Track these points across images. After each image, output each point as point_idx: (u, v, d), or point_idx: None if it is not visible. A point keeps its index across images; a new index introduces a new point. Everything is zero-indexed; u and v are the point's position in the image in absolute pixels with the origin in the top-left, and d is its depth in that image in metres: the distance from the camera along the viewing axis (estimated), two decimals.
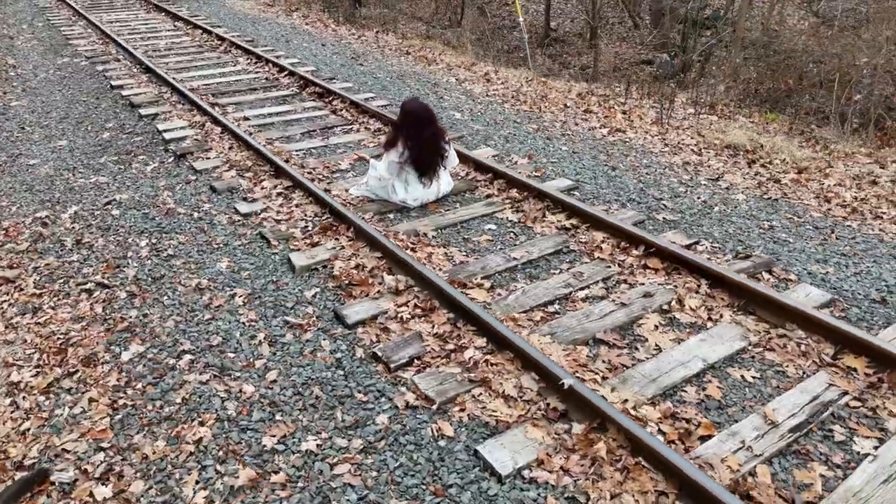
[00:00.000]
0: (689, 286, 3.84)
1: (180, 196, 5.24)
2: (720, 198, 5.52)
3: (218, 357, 3.50)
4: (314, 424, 3.02)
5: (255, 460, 2.87)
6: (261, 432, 3.01)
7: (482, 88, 9.06)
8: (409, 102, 4.82)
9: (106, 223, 4.94)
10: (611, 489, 2.55)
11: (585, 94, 9.28)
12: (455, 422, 2.94)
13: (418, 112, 4.73)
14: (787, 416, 2.90)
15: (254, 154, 5.73)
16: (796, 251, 4.53)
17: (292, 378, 3.31)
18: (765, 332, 3.48)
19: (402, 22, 16.59)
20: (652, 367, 3.20)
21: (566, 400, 2.91)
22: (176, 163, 5.87)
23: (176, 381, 3.37)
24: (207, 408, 3.19)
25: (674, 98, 8.80)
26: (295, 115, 7.05)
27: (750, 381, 3.18)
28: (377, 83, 8.61)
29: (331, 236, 4.42)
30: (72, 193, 5.46)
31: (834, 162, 6.93)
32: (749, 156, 6.91)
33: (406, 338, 3.42)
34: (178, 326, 3.77)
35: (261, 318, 3.77)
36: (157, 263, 4.38)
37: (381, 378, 3.24)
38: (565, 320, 3.57)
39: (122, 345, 3.67)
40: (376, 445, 2.87)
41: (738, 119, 9.00)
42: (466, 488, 2.63)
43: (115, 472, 2.83)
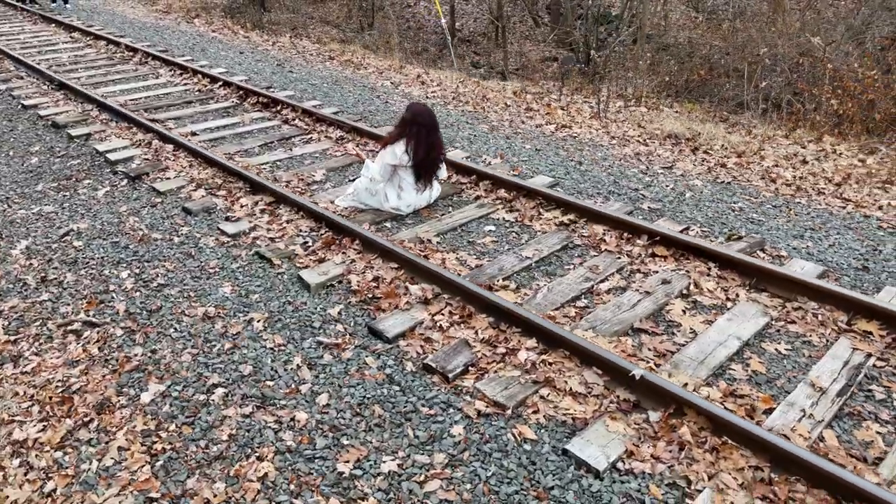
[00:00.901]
0: (699, 270, 4.04)
1: (150, 221, 4.88)
2: (683, 185, 5.83)
3: (255, 387, 3.31)
4: (387, 444, 2.93)
5: (335, 489, 2.75)
6: (331, 459, 2.88)
7: (420, 91, 9.04)
8: (417, 106, 4.73)
9: (70, 256, 4.52)
10: (706, 470, 2.65)
11: (520, 93, 9.49)
12: (533, 424, 2.94)
13: (427, 116, 4.65)
14: (829, 382, 3.13)
15: (220, 171, 5.43)
16: (772, 229, 4.87)
17: (346, 399, 3.18)
18: (781, 306, 3.73)
19: (312, 26, 16.23)
20: (695, 350, 3.35)
21: (635, 390, 2.99)
22: (131, 185, 5.45)
23: (214, 417, 3.15)
24: (261, 441, 3.00)
25: (600, 92, 9.16)
26: (244, 127, 6.73)
27: (785, 354, 3.40)
28: (316, 90, 8.38)
29: (336, 250, 4.28)
30: (15, 227, 4.95)
31: (762, 145, 7.49)
32: (690, 143, 7.34)
33: (453, 346, 3.38)
34: (197, 360, 3.52)
35: (289, 341, 3.60)
36: (149, 295, 4.07)
37: (441, 389, 3.18)
38: (600, 313, 3.65)
39: (138, 385, 3.38)
40: (461, 457, 2.82)
41: (664, 110, 9.52)
42: (567, 488, 2.64)
43: None
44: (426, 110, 4.69)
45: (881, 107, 8.94)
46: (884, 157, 7.45)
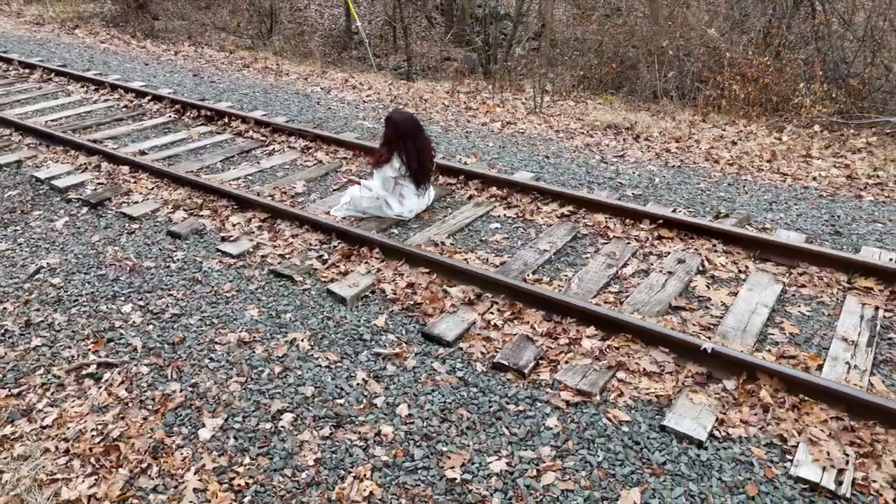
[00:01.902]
0: (706, 248, 4.34)
1: (135, 249, 4.52)
2: (644, 171, 6.19)
3: (324, 407, 3.19)
4: (486, 445, 2.93)
5: (450, 496, 2.72)
6: (435, 468, 2.84)
7: (355, 96, 8.92)
8: (396, 115, 4.68)
9: (50, 296, 4.11)
10: (795, 427, 2.88)
11: (453, 93, 9.60)
12: (623, 407, 3.06)
13: (409, 123, 4.62)
14: (856, 335, 3.48)
15: (196, 190, 5.11)
16: (742, 205, 5.30)
17: (427, 407, 3.14)
18: (787, 273, 4.09)
19: (207, 33, 15.46)
20: (734, 320, 3.61)
21: (705, 363, 3.18)
22: (94, 213, 5.01)
23: (291, 444, 3.01)
24: (353, 461, 2.91)
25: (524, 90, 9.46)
26: (195, 142, 6.36)
27: (808, 315, 3.74)
28: (252, 99, 8.05)
29: (356, 261, 4.18)
30: None
31: (690, 130, 8.08)
32: (630, 132, 7.78)
33: (516, 342, 3.43)
34: (247, 387, 3.34)
35: (343, 357, 3.49)
36: (164, 327, 3.79)
37: (520, 385, 3.22)
38: (637, 296, 3.84)
39: (190, 423, 3.16)
40: (566, 447, 2.88)
41: (588, 103, 9.99)
42: (678, 461, 2.78)
43: None
44: (408, 118, 4.66)
45: (776, 89, 9.88)
46: (792, 134, 8.27)
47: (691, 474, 2.72)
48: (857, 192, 5.94)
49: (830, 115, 9.44)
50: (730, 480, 2.68)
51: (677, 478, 2.71)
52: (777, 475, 2.69)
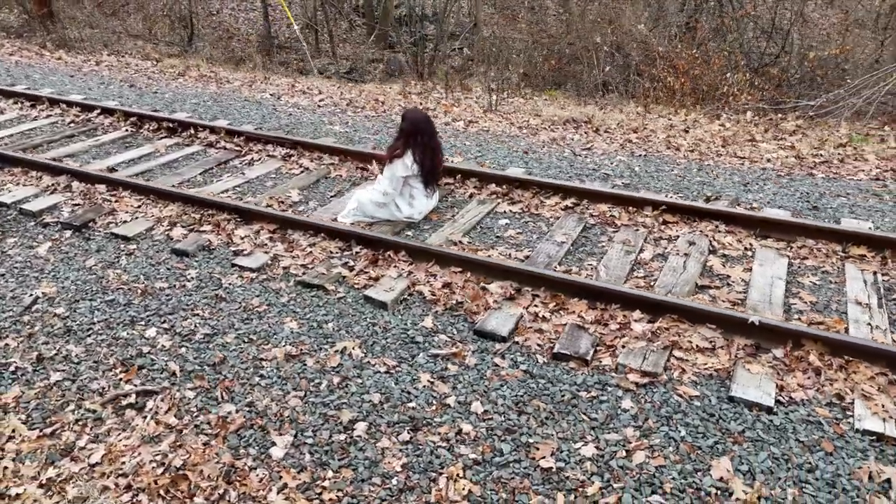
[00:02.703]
0: (710, 229, 4.60)
1: (140, 270, 4.28)
2: (619, 161, 6.45)
3: (394, 412, 3.16)
4: (570, 432, 3.00)
5: (549, 485, 2.78)
6: (526, 459, 2.89)
7: (308, 101, 8.76)
8: (413, 112, 4.67)
9: (57, 326, 3.84)
10: (846, 386, 3.12)
11: (405, 94, 9.59)
12: (688, 383, 3.21)
13: (426, 121, 4.62)
14: (867, 299, 3.81)
15: (190, 205, 4.89)
16: (721, 188, 5.63)
17: (500, 402, 3.18)
18: (788, 247, 4.40)
19: (122, 42, 14.62)
20: (758, 294, 3.86)
21: (751, 335, 3.39)
22: (81, 236, 4.69)
23: (372, 453, 2.98)
24: (441, 462, 2.91)
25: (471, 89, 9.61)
26: (165, 156, 6.06)
27: (818, 284, 4.05)
28: (207, 108, 7.74)
29: (384, 265, 4.14)
30: None
31: (641, 120, 8.48)
32: (589, 126, 8.06)
33: (569, 332, 3.52)
34: (308, 401, 3.26)
35: (400, 361, 3.46)
36: (200, 348, 3.62)
37: (585, 372, 3.32)
38: (664, 279, 4.02)
39: (258, 444, 3.06)
40: (648, 426, 3.00)
41: (535, 99, 10.25)
42: (753, 427, 2.96)
43: None
44: (424, 116, 4.69)
45: (705, 80, 10.50)
46: (730, 121, 8.83)
47: (769, 438, 2.90)
48: (808, 170, 6.44)
49: (757, 102, 10.15)
50: (806, 440, 2.88)
51: (758, 443, 2.89)
52: (845, 431, 2.92)
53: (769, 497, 2.65)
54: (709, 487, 2.71)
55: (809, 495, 2.65)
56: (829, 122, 9.01)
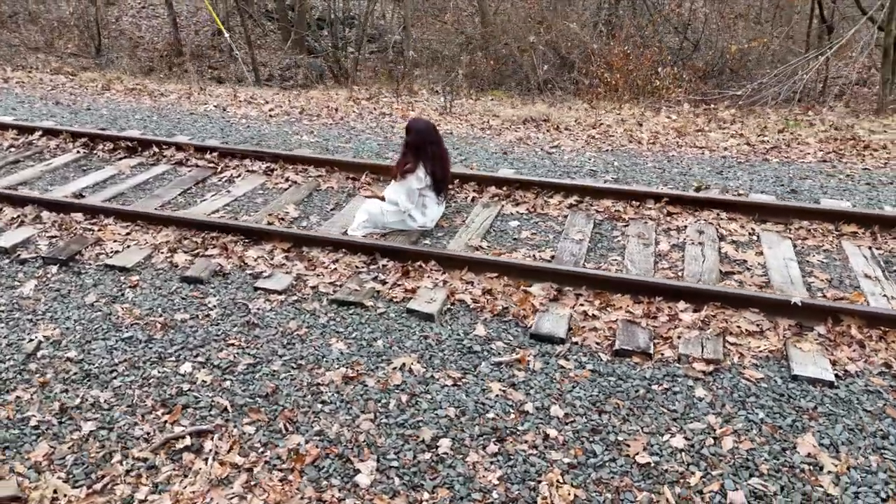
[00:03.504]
0: (712, 217, 4.81)
1: (152, 303, 3.97)
2: (594, 158, 6.62)
3: (474, 425, 3.11)
4: (654, 426, 3.05)
5: (651, 480, 2.82)
6: (620, 458, 2.92)
7: (257, 111, 8.44)
8: (419, 122, 4.58)
9: (73, 372, 3.51)
10: (889, 354, 3.35)
11: (355, 100, 9.41)
12: (750, 366, 3.34)
13: (432, 130, 4.56)
14: (872, 272, 4.11)
15: (185, 229, 4.58)
16: (700, 177, 5.90)
17: (579, 405, 3.19)
18: (786, 229, 4.67)
19: (21, 55, 13.47)
20: (778, 276, 4.07)
21: (792, 315, 3.58)
22: (70, 270, 4.30)
23: (463, 468, 2.92)
24: (537, 469, 2.89)
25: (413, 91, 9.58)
26: (133, 177, 5.65)
27: (825, 262, 4.32)
28: (157, 124, 7.29)
29: (417, 276, 4.05)
30: None
31: (594, 117, 8.74)
32: (548, 124, 8.23)
33: (623, 327, 3.58)
34: (381, 422, 3.15)
35: (464, 372, 3.40)
36: (246, 380, 3.41)
37: (651, 365, 3.38)
38: (690, 268, 4.17)
39: (340, 474, 2.93)
40: (727, 412, 3.10)
41: (482, 100, 10.33)
42: (823, 401, 3.11)
43: None
44: (429, 126, 4.62)
45: (639, 75, 10.97)
46: (675, 114, 9.27)
47: (839, 411, 3.07)
48: (762, 156, 6.86)
49: (688, 95, 10.72)
50: (872, 409, 3.07)
51: (831, 417, 3.05)
52: None
53: (857, 466, 2.81)
54: (800, 464, 2.83)
55: (891, 461, 2.83)
56: (757, 110, 9.64)
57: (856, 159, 6.79)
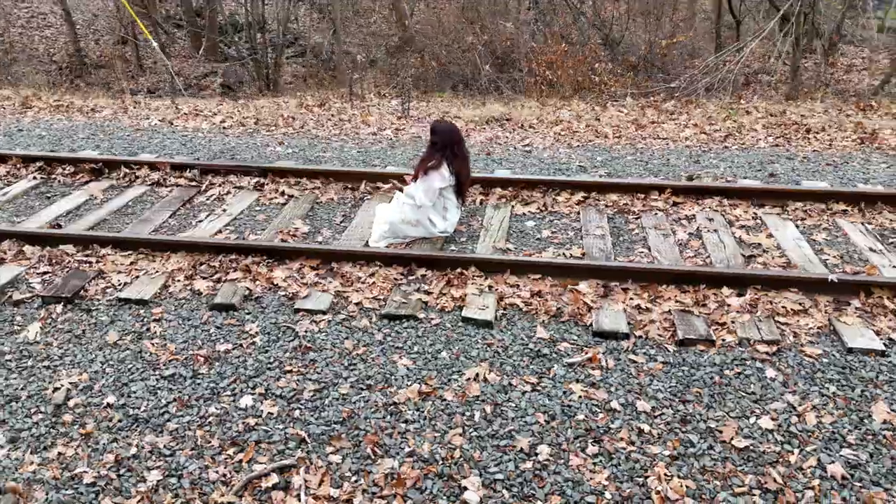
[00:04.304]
0: (716, 205, 5.02)
1: (185, 335, 3.69)
2: (572, 154, 6.76)
3: (569, 428, 3.09)
4: (738, 410, 3.15)
5: (751, 463, 2.91)
6: (717, 445, 2.99)
7: (210, 124, 8.03)
8: (443, 124, 4.50)
9: (117, 419, 3.22)
10: None
11: (307, 108, 9.12)
12: (805, 343, 3.51)
13: (456, 133, 4.49)
14: (875, 245, 4.43)
15: (196, 253, 4.28)
16: (683, 167, 6.14)
17: (661, 397, 3.24)
18: (784, 211, 4.94)
19: None
20: (795, 255, 4.30)
21: (827, 292, 3.80)
22: (77, 308, 3.92)
23: (569, 474, 2.90)
24: (642, 465, 2.92)
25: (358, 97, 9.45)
26: (109, 202, 5.23)
27: (829, 239, 4.60)
28: (112, 143, 6.76)
29: (460, 284, 3.98)
30: None
31: (552, 113, 8.92)
32: (511, 123, 8.30)
33: (679, 317, 3.67)
34: (471, 435, 3.08)
35: (539, 376, 3.37)
36: (316, 407, 3.24)
37: (718, 351, 3.48)
38: (716, 255, 4.33)
39: (446, 493, 2.85)
40: (802, 389, 3.24)
41: (431, 102, 10.27)
42: (881, 370, 3.31)
43: None
44: (453, 127, 4.57)
45: (579, 72, 11.28)
46: (624, 107, 9.59)
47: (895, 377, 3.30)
48: (721, 144, 7.24)
49: (625, 89, 11.13)
50: None
51: (892, 384, 3.26)
52: None
53: None
54: (880, 431, 3.01)
55: None
56: (695, 101, 10.15)
57: (803, 142, 7.27)
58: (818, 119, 8.35)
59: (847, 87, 12.44)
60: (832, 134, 7.60)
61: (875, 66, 14.41)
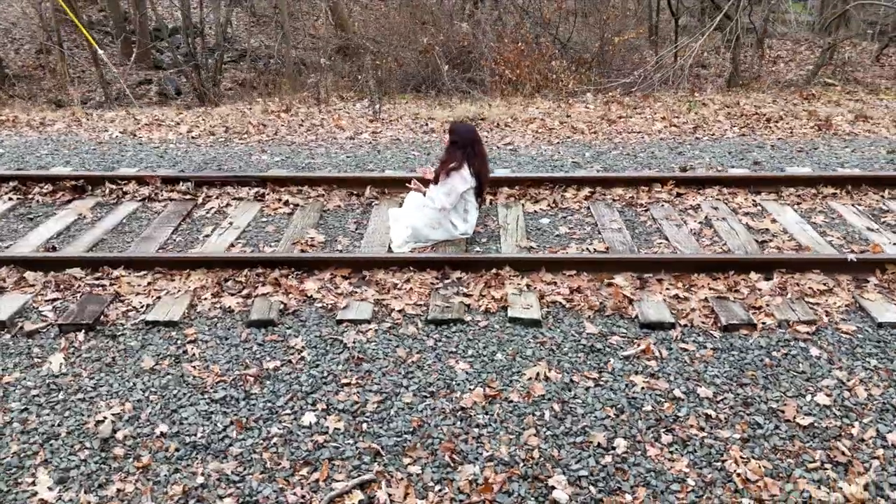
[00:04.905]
0: (716, 194, 5.20)
1: (227, 355, 3.53)
2: (555, 151, 6.86)
3: (638, 420, 3.15)
4: (794, 389, 3.27)
5: (819, 440, 3.04)
6: (782, 424, 3.10)
7: (177, 135, 7.73)
8: (461, 125, 4.47)
9: (175, 447, 3.06)
10: None
11: (276, 114, 8.87)
12: (839, 321, 3.69)
13: (475, 133, 4.46)
14: (870, 224, 4.70)
15: (219, 269, 4.10)
16: (671, 159, 6.33)
17: (720, 382, 3.33)
18: (780, 197, 5.18)
19: None
20: (803, 238, 4.52)
21: (845, 271, 4.01)
22: (100, 335, 3.68)
23: (649, 463, 2.96)
24: (717, 450, 3.00)
25: (327, 99, 9.31)
26: (102, 220, 4.94)
27: (827, 221, 4.85)
28: (82, 159, 6.39)
29: (497, 285, 3.98)
30: None
31: (523, 112, 9.02)
32: (489, 123, 8.34)
33: (717, 303, 3.79)
34: (545, 435, 3.09)
35: (599, 371, 3.41)
36: (384, 419, 3.18)
37: (759, 334, 3.61)
38: (731, 242, 4.49)
39: (534, 494, 2.85)
40: (846, 365, 3.40)
41: (401, 104, 10.19)
42: None
43: None
44: (471, 127, 4.55)
45: (535, 69, 11.44)
46: (588, 103, 9.80)
47: None
48: (692, 135, 7.51)
49: (583, 85, 11.37)
50: None
51: None
52: None
53: None
54: None
55: None
56: (651, 95, 10.48)
57: (766, 131, 7.64)
58: (770, 109, 8.78)
59: (779, 78, 13.10)
60: (790, 122, 8.01)
61: (799, 57, 15.33)
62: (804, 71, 13.55)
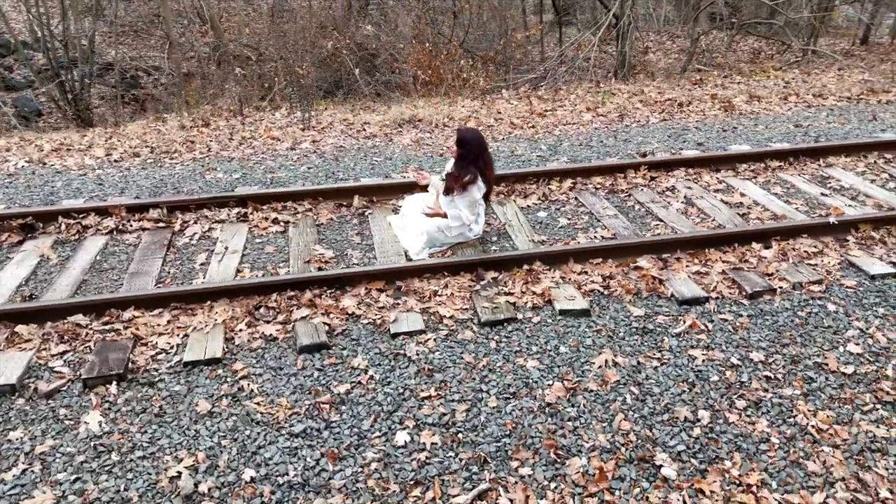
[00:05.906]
0: (683, 175, 5.57)
1: (289, 387, 3.32)
2: (517, 145, 7.02)
3: (710, 391, 3.35)
4: (827, 343, 3.62)
5: (861, 385, 3.39)
6: (830, 375, 3.43)
7: (94, 160, 7.03)
8: (469, 132, 4.39)
9: (271, 490, 2.87)
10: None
11: (199, 129, 8.31)
12: (840, 278, 4.11)
13: (482, 139, 4.42)
14: (822, 190, 5.25)
15: (243, 297, 3.83)
16: (606, 145, 6.67)
17: (765, 346, 3.60)
18: (738, 174, 5.64)
19: None
20: (775, 206, 4.98)
21: (829, 233, 4.46)
22: (135, 384, 3.32)
23: (736, 430, 3.17)
24: (786, 407, 3.26)
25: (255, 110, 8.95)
26: (72, 261, 4.42)
27: (785, 191, 5.35)
28: (29, 191, 5.64)
29: (534, 281, 4.04)
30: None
31: (456, 111, 9.11)
32: (426, 123, 8.34)
33: (738, 274, 4.08)
34: (634, 417, 3.21)
35: (659, 350, 3.58)
36: (475, 426, 3.16)
37: (780, 297, 3.94)
38: (719, 217, 4.84)
39: (646, 476, 2.98)
40: (862, 316, 3.80)
41: (319, 111, 9.88)
42: None
43: None
44: (479, 135, 4.47)
45: (446, 69, 11.56)
46: (514, 100, 10.05)
47: None
48: (622, 124, 7.96)
49: (494, 82, 11.66)
50: None
51: None
52: None
53: None
54: None
55: None
56: (560, 88, 10.96)
57: (683, 115, 8.25)
58: (673, 94, 9.47)
59: (654, 68, 14.15)
60: (699, 106, 8.69)
61: (664, 48, 16.66)
62: (671, 59, 14.71)
